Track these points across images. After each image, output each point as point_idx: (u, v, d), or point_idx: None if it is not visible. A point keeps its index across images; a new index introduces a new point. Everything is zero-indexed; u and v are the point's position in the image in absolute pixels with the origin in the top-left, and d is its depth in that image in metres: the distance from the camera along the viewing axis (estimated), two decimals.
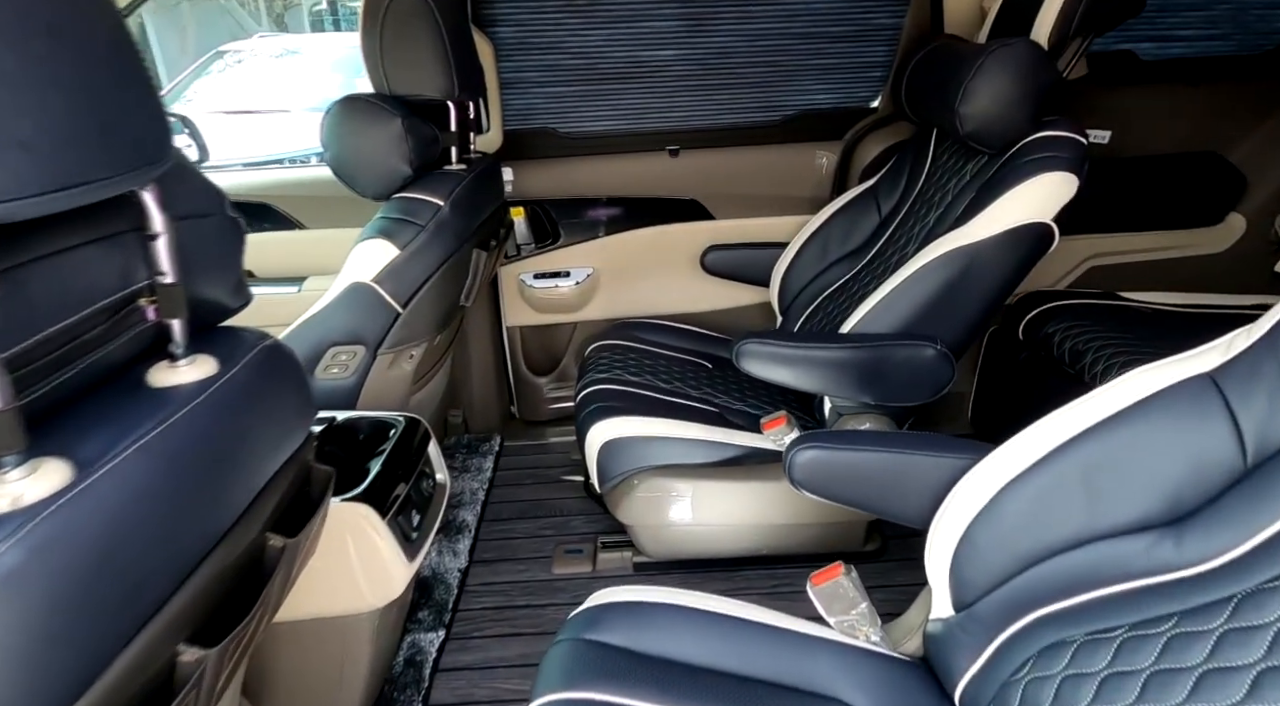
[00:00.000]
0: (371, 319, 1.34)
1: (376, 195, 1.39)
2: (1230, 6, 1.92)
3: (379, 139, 1.31)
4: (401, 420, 1.30)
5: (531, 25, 1.81)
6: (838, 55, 1.89)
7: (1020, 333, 1.86)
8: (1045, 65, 1.30)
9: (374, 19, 1.31)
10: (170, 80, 8.12)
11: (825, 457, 0.93)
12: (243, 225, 0.66)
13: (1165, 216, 2.00)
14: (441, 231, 1.34)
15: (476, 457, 2.13)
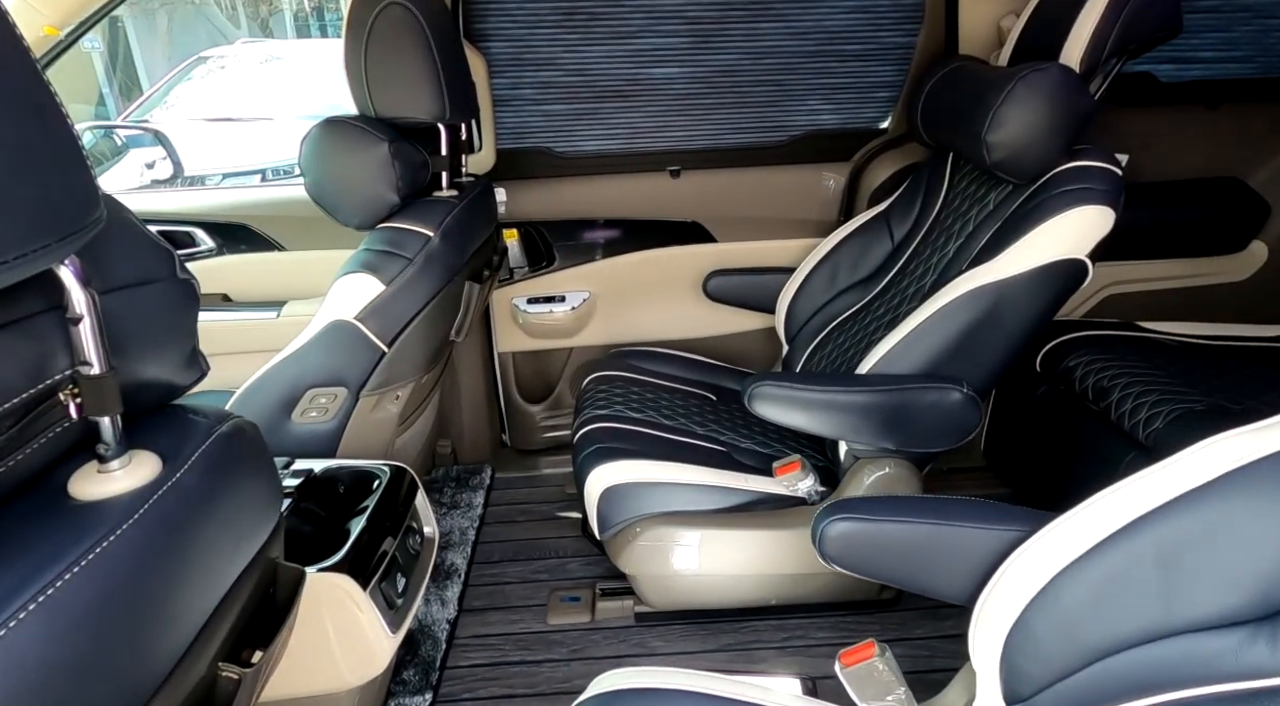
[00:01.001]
0: (353, 359, 1.23)
1: (361, 225, 1.28)
2: (1251, 29, 1.86)
3: (363, 165, 1.21)
4: (386, 470, 1.19)
5: (527, 41, 1.72)
6: (847, 75, 1.81)
7: (1038, 365, 1.78)
8: (1080, 91, 1.22)
9: (358, 35, 1.21)
10: (151, 85, 7.97)
11: (860, 531, 0.84)
12: (196, 287, 0.56)
13: (1186, 244, 1.93)
14: (431, 264, 1.24)
15: (466, 492, 2.02)
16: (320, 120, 1.23)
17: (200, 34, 11.15)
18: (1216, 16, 1.83)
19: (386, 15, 1.19)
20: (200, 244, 2.05)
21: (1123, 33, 1.23)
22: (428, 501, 1.23)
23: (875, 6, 1.70)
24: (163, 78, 6.55)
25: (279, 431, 1.26)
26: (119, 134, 2.50)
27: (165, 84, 6.40)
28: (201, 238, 2.05)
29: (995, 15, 1.61)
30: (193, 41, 10.25)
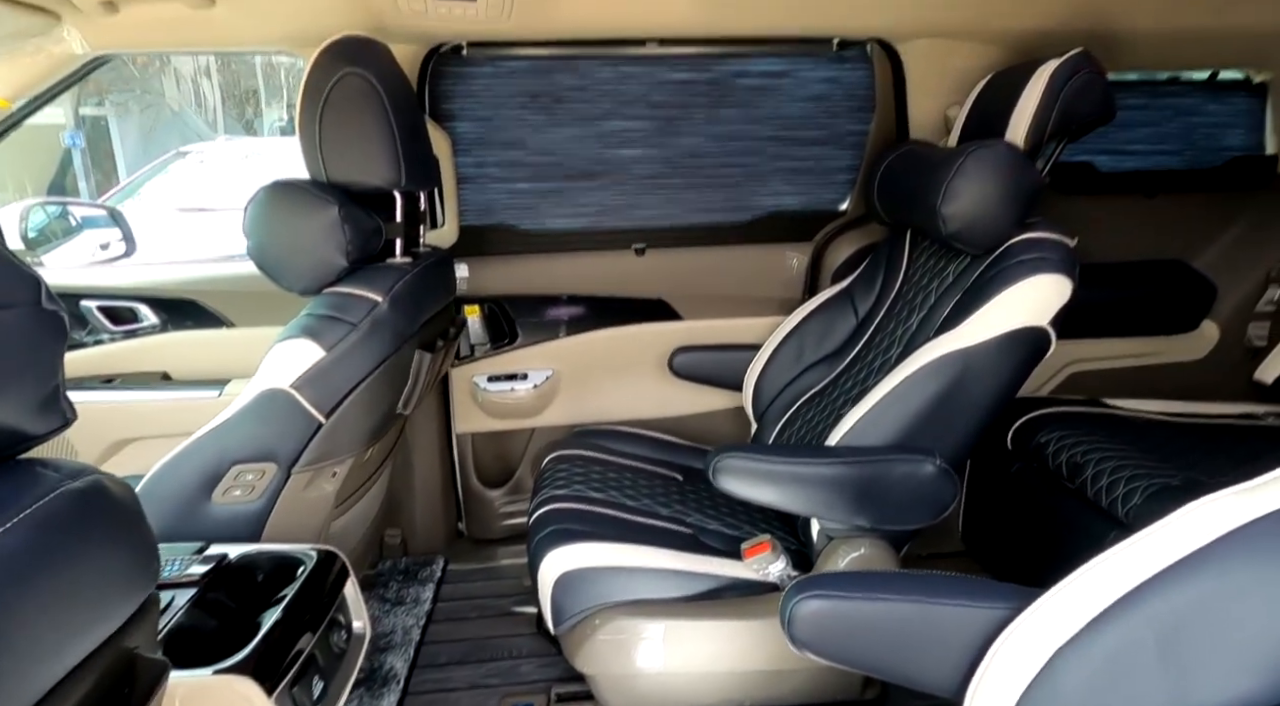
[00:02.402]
0: (286, 431, 1.14)
1: (305, 290, 1.22)
2: (1177, 125, 1.99)
3: (310, 228, 1.17)
4: (313, 554, 1.07)
5: (493, 121, 1.75)
6: (805, 159, 1.87)
7: (1009, 442, 1.75)
8: (1026, 165, 1.25)
9: (314, 102, 1.20)
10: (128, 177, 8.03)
11: (833, 610, 0.75)
12: (64, 319, 0.49)
13: (1139, 322, 1.97)
14: (377, 330, 1.18)
15: (414, 586, 1.86)
16: (267, 183, 1.20)
17: (189, 133, 11.49)
18: (1145, 113, 1.95)
19: (344, 84, 1.19)
20: (143, 319, 1.97)
21: (1060, 116, 1.28)
22: (359, 592, 1.11)
23: (829, 96, 1.78)
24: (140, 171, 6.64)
25: (196, 513, 1.14)
26: (74, 215, 2.45)
27: (140, 176, 6.47)
28: (145, 313, 1.97)
29: (941, 105, 1.69)
30: (175, 142, 10.48)
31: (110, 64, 8.46)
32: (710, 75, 1.73)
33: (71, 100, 10.65)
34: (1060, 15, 1.52)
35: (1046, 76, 1.29)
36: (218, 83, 13.37)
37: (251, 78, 14.15)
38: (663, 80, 1.72)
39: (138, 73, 11.85)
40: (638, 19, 1.47)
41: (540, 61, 1.68)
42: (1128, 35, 1.59)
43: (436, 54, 1.62)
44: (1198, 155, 2.01)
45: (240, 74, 14.06)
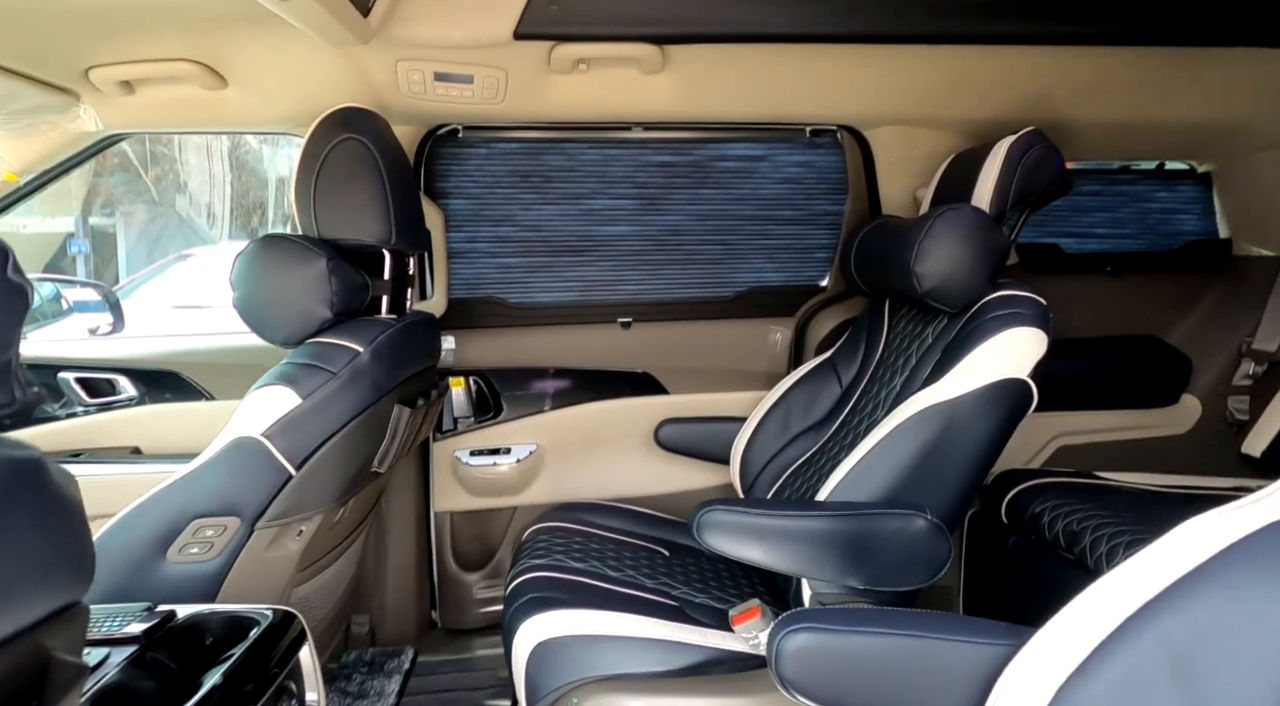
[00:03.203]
0: (253, 482, 1.09)
1: (286, 341, 1.22)
2: (1133, 211, 2.10)
3: (298, 279, 1.18)
4: (268, 614, 1.00)
5: (484, 199, 1.83)
6: (785, 237, 1.95)
7: (1004, 514, 1.70)
8: (993, 227, 1.31)
9: (310, 165, 1.26)
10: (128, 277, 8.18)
11: (824, 646, 0.70)
12: (28, 292, 0.48)
13: (1121, 396, 1.99)
14: (357, 380, 1.17)
15: (379, 678, 1.72)
16: (259, 237, 1.23)
17: (189, 240, 11.85)
18: (1102, 199, 2.07)
19: (342, 148, 1.25)
20: (121, 392, 1.94)
21: (1020, 187, 1.36)
22: (316, 659, 1.02)
23: (804, 178, 1.88)
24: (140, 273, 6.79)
25: (147, 573, 1.07)
26: (66, 298, 2.48)
27: (140, 277, 6.61)
28: (124, 386, 1.94)
29: (910, 187, 1.79)
30: (179, 247, 10.80)
31: (125, 178, 8.80)
32: (691, 158, 1.84)
33: (81, 209, 11.07)
34: (1012, 106, 1.65)
35: (1004, 151, 1.38)
36: (228, 194, 13.99)
37: (262, 190, 14.83)
38: (646, 162, 1.83)
39: (152, 185, 12.41)
40: (622, 104, 1.58)
41: (531, 143, 1.78)
42: (1076, 126, 1.72)
43: (434, 136, 1.72)
44: (1156, 239, 2.12)
45: (250, 185, 14.74)
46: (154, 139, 11.86)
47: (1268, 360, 1.94)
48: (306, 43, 1.28)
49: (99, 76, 1.42)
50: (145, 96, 1.51)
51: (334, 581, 1.43)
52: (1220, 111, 1.72)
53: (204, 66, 1.41)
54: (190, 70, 1.41)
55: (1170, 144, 1.92)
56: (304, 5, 1.05)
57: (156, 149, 11.79)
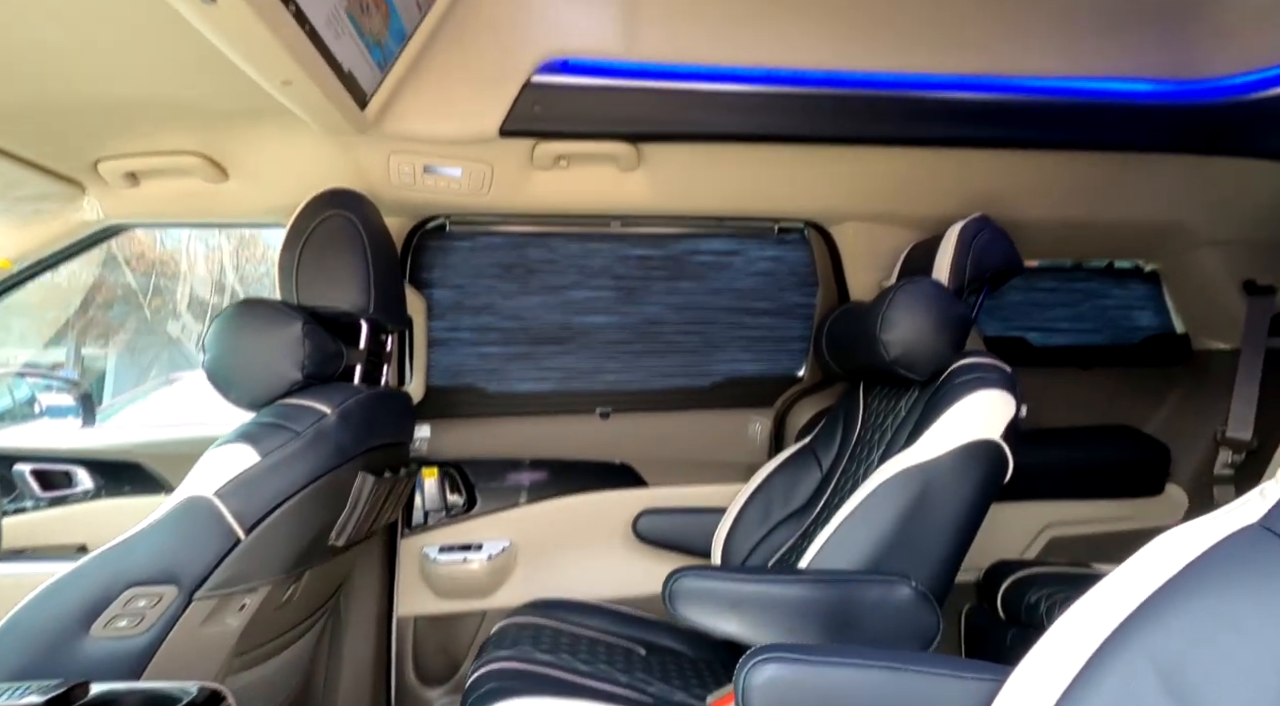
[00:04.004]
0: (197, 546, 1.03)
1: (253, 402, 1.20)
2: (1090, 307, 2.20)
3: (270, 340, 1.19)
4: (193, 690, 0.90)
5: (468, 289, 1.88)
6: (760, 327, 2.00)
7: (1000, 607, 1.61)
8: (953, 298, 1.36)
9: (296, 239, 1.31)
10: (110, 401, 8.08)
11: (796, 678, 0.64)
12: None
13: (1106, 485, 1.96)
14: (320, 441, 1.14)
15: None
16: (238, 300, 1.25)
17: (178, 364, 11.90)
18: (1058, 295, 2.17)
19: (329, 222, 1.31)
20: (77, 484, 1.86)
21: (975, 263, 1.44)
22: None
23: (776, 271, 1.97)
24: (132, 396, 6.74)
25: (64, 651, 0.98)
26: (40, 402, 2.45)
27: (120, 401, 6.55)
28: (81, 478, 1.87)
29: (876, 279, 1.87)
30: (168, 373, 10.83)
31: (124, 311, 8.94)
32: (668, 252, 1.93)
33: (75, 339, 11.19)
34: (964, 204, 1.77)
35: (956, 233, 1.47)
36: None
37: None
38: (625, 255, 1.91)
39: (149, 314, 12.65)
40: (601, 198, 1.68)
41: (514, 237, 1.87)
42: (1026, 224, 1.84)
43: (421, 229, 1.81)
44: (1118, 333, 2.19)
45: None
46: (160, 270, 12.29)
47: (1244, 449, 1.94)
48: (305, 135, 1.38)
49: (107, 168, 1.50)
50: (148, 188, 1.59)
51: (277, 677, 1.30)
52: (1157, 212, 1.85)
53: (207, 159, 1.50)
54: (194, 163, 1.50)
55: (1115, 243, 2.04)
56: (306, 94, 1.15)
57: (160, 281, 12.16)
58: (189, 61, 1.10)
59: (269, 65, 1.04)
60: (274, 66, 1.04)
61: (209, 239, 11.93)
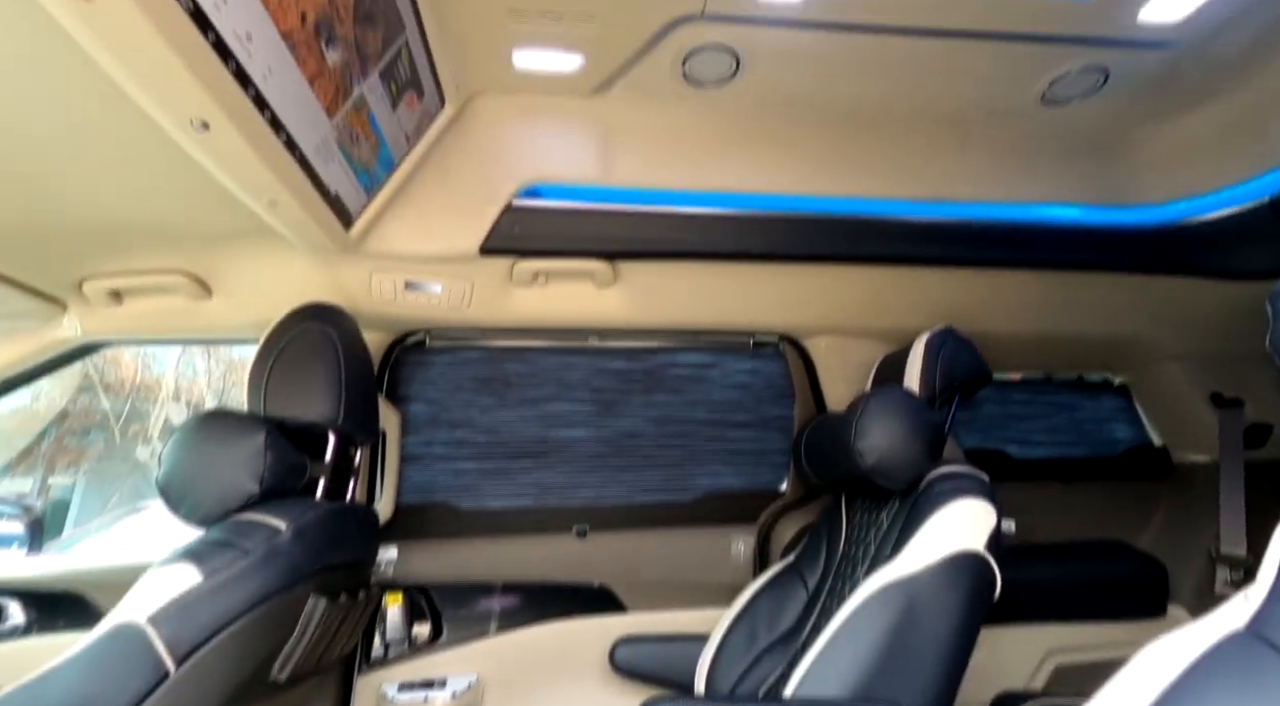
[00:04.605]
0: (119, 680, 0.94)
1: (205, 518, 1.14)
2: (1065, 419, 2.21)
3: (230, 451, 1.15)
4: None
5: (444, 403, 1.87)
6: (739, 441, 1.98)
7: None
8: (924, 405, 1.37)
9: (272, 347, 1.31)
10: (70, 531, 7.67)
11: None
12: None
13: (1105, 606, 1.87)
14: (272, 560, 1.07)
15: None
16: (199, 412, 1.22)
17: (144, 492, 11.43)
18: (1033, 407, 2.19)
19: (304, 333, 1.32)
20: (6, 619, 1.71)
21: (944, 373, 1.47)
22: None
23: (752, 384, 1.98)
24: (95, 525, 6.42)
25: None
26: None
27: (84, 532, 6.24)
28: (12, 612, 1.72)
29: (852, 391, 1.88)
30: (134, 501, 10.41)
31: (95, 439, 8.75)
32: (645, 365, 1.95)
33: (44, 468, 10.80)
34: (932, 318, 1.82)
35: (923, 344, 1.51)
36: None
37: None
38: (602, 369, 1.93)
39: (119, 439, 12.32)
40: (578, 313, 1.72)
41: (493, 351, 1.89)
42: (991, 337, 1.89)
43: (401, 344, 1.83)
44: (1097, 446, 2.19)
45: None
46: (139, 394, 12.12)
47: (1241, 566, 1.88)
48: (289, 253, 1.42)
49: (91, 287, 1.52)
50: (130, 306, 1.60)
51: None
52: (1116, 327, 1.92)
53: (192, 277, 1.53)
54: (179, 281, 1.53)
55: (1080, 356, 2.10)
56: (292, 215, 1.20)
57: (137, 405, 11.97)
58: (177, 183, 1.14)
59: (257, 188, 1.08)
60: (262, 189, 1.09)
61: (195, 361, 11.92)
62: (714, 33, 1.23)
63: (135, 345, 7.72)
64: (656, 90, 1.40)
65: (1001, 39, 1.24)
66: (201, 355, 11.58)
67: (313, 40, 0.95)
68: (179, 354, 11.21)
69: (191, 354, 11.54)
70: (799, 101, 1.44)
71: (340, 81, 1.06)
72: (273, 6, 0.85)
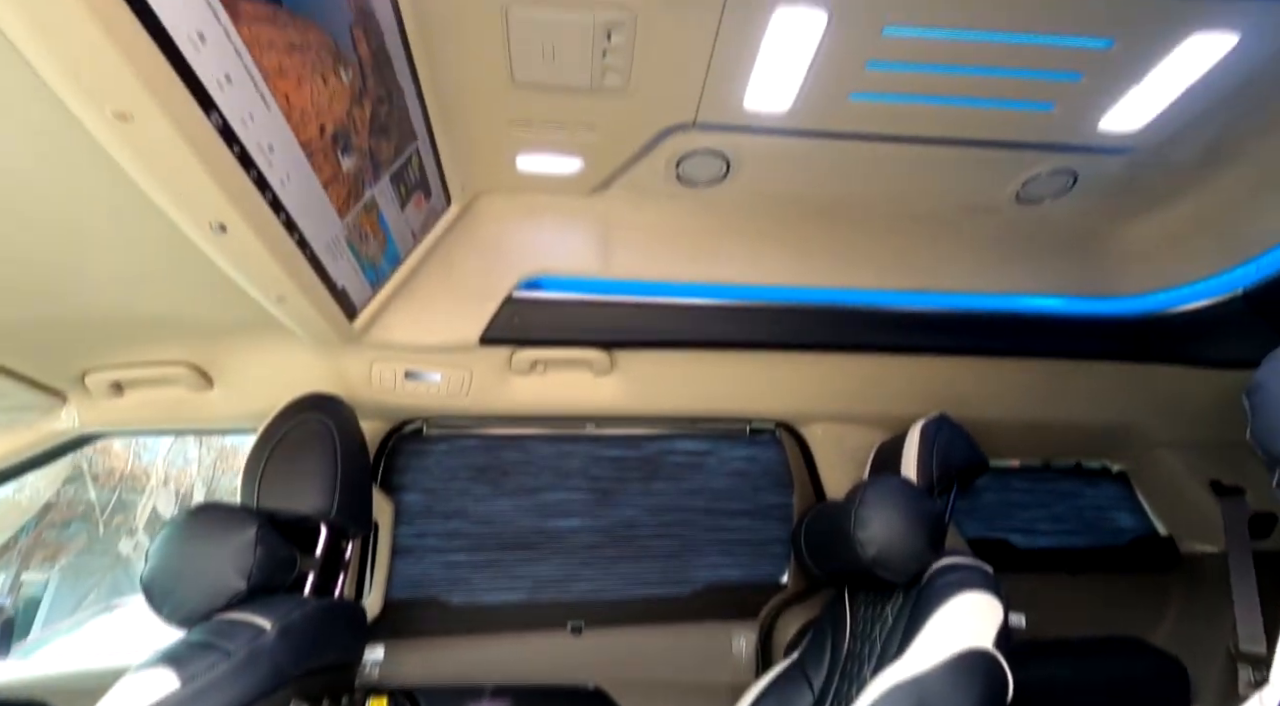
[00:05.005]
0: None
1: (188, 617, 1.10)
2: (1066, 507, 2.18)
3: (219, 547, 1.12)
4: None
5: (439, 492, 1.85)
6: (739, 530, 1.95)
7: None
8: (923, 494, 1.36)
9: (269, 438, 1.31)
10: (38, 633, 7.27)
11: None
12: None
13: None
14: (254, 662, 1.03)
15: None
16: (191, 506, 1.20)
17: (121, 588, 10.94)
18: (1034, 495, 2.17)
19: (303, 424, 1.32)
20: None
21: (941, 460, 1.47)
22: None
23: (750, 471, 1.97)
24: (69, 623, 6.10)
25: None
26: None
27: (51, 634, 5.93)
28: None
29: (850, 479, 1.86)
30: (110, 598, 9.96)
31: (76, 532, 8.46)
32: (641, 453, 1.94)
33: (18, 562, 10.38)
34: (927, 404, 1.84)
35: (918, 431, 1.52)
36: None
37: None
38: (599, 456, 1.92)
39: (103, 531, 11.90)
40: (576, 401, 1.73)
41: (490, 440, 1.89)
42: (987, 424, 1.90)
43: (398, 433, 1.83)
44: (1101, 535, 2.15)
45: None
46: (128, 485, 11.83)
47: (1264, 664, 1.80)
48: (292, 343, 1.45)
49: (94, 379, 1.53)
50: (130, 397, 1.60)
51: None
52: (1109, 414, 1.94)
53: (194, 367, 1.55)
54: (181, 372, 1.54)
55: (1076, 444, 2.10)
56: (299, 309, 1.23)
57: (125, 496, 11.66)
58: (185, 276, 1.16)
59: (268, 284, 1.12)
60: (272, 285, 1.12)
61: (187, 450, 11.73)
62: (705, 139, 1.32)
63: (132, 436, 7.63)
64: (652, 190, 1.48)
65: (974, 145, 1.33)
66: (193, 442, 11.42)
67: (330, 149, 1.02)
68: (170, 442, 11.05)
69: (184, 441, 11.39)
70: (786, 200, 1.52)
71: (353, 185, 1.13)
72: (295, 120, 0.91)
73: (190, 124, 0.74)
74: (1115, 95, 1.20)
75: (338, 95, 0.96)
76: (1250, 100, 1.22)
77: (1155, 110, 1.23)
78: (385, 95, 1.07)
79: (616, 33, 1.05)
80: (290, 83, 0.87)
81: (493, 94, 1.18)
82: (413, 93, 1.13)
